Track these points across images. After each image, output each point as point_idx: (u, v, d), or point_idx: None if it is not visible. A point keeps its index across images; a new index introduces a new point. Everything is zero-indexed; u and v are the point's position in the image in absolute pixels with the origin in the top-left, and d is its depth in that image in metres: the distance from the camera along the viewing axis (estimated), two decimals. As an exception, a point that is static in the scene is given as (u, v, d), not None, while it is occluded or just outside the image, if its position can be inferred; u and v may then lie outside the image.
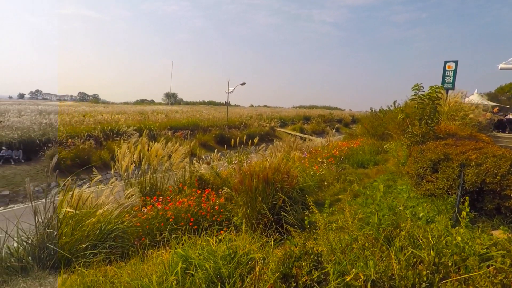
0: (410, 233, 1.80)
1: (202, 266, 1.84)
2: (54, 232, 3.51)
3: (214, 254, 1.96)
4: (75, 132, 18.46)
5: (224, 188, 6.30)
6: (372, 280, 1.49)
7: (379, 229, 1.92)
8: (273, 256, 1.83)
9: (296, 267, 1.66)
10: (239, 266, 1.86)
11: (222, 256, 1.92)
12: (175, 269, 1.84)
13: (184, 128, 24.76)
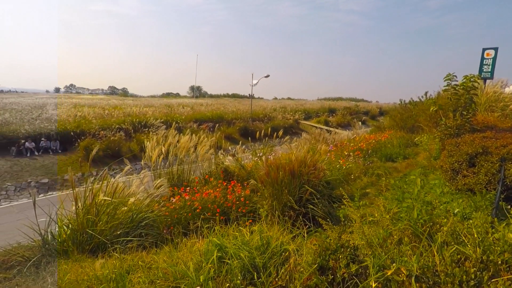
0: (452, 229, 1.72)
1: (237, 255, 1.88)
2: (93, 219, 3.72)
3: (248, 244, 1.99)
4: (106, 125, 19.30)
5: (250, 180, 6.34)
6: (415, 276, 1.45)
7: (417, 224, 1.86)
8: (307, 248, 1.83)
9: (332, 260, 1.65)
10: (273, 256, 1.87)
11: (256, 246, 1.94)
12: (210, 257, 1.89)
13: (209, 120, 25.14)
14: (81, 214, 3.90)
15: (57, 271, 2.70)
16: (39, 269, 3.12)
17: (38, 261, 3.29)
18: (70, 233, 3.74)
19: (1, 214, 10.71)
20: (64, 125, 18.14)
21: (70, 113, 22.55)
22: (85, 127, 18.39)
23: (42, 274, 2.82)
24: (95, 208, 3.88)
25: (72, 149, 16.97)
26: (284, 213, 4.17)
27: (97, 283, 2.01)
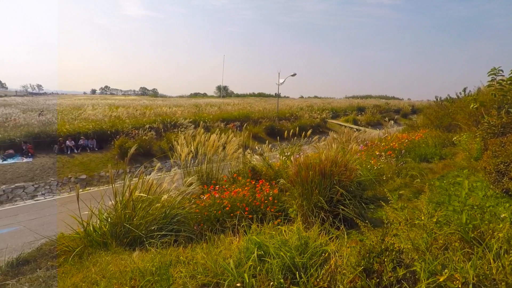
0: (509, 235, 1.59)
1: (278, 254, 1.88)
2: (130, 214, 3.90)
3: (287, 243, 1.99)
4: (139, 124, 20.11)
5: (279, 179, 6.32)
6: (471, 284, 1.36)
7: (466, 229, 1.74)
8: (347, 249, 1.79)
9: (377, 263, 1.59)
10: (312, 257, 1.85)
11: (294, 246, 1.93)
12: (251, 255, 1.91)
13: (236, 120, 25.39)
14: (119, 209, 4.09)
15: (99, 262, 2.87)
16: (82, 258, 3.33)
17: (81, 252, 3.51)
18: (109, 226, 3.94)
19: (45, 207, 11.52)
20: (100, 125, 19.14)
21: (105, 113, 23.76)
22: (119, 127, 19.29)
23: (86, 263, 3.00)
24: (132, 203, 4.06)
25: (108, 147, 17.87)
26: (314, 213, 4.11)
27: (139, 275, 2.10)
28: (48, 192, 13.47)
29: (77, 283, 2.41)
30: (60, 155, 16.21)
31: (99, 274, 2.41)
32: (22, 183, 13.50)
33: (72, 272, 2.77)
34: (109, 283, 2.10)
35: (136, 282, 1.99)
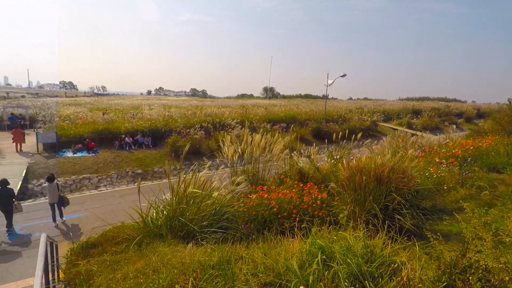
0: None
1: (344, 260, 1.82)
2: (184, 208, 4.09)
3: (352, 250, 1.92)
4: (189, 123, 21.10)
5: (329, 183, 6.14)
6: None
7: None
8: (419, 262, 1.66)
9: (460, 280, 1.46)
10: (381, 266, 1.76)
11: (360, 253, 1.85)
12: (314, 259, 1.88)
13: (282, 121, 25.33)
14: (174, 203, 4.32)
15: (158, 252, 3.05)
16: (141, 247, 3.58)
17: (140, 241, 3.77)
18: (165, 219, 4.18)
19: (107, 197, 12.65)
20: (155, 124, 20.47)
21: (160, 113, 25.36)
22: (172, 126, 20.44)
23: (145, 252, 3.22)
24: (186, 199, 4.26)
25: (161, 145, 19.03)
26: (368, 220, 3.91)
27: (199, 268, 2.19)
28: (109, 184, 14.77)
29: (139, 269, 2.59)
30: (120, 150, 17.68)
31: (159, 263, 2.57)
32: (88, 175, 15.00)
33: (134, 259, 3.00)
34: (170, 273, 2.22)
35: (198, 274, 2.07)
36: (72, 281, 2.97)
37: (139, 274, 2.45)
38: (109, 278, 2.54)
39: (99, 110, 27.51)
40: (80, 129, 18.47)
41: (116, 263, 2.98)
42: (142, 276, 2.38)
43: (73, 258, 3.80)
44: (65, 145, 17.22)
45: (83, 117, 22.12)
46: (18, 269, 7.38)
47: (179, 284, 1.98)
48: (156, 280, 2.12)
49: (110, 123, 20.40)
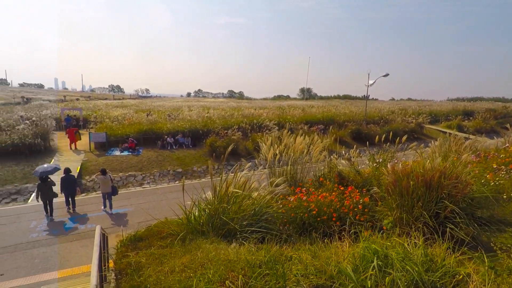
0: None
1: (403, 267, 1.74)
2: (225, 207, 4.18)
3: (410, 257, 1.83)
4: (227, 124, 21.55)
5: (371, 187, 5.90)
6: None
7: None
8: (490, 275, 1.53)
9: None
10: (444, 277, 1.65)
11: (420, 261, 1.75)
12: (368, 263, 1.82)
13: (319, 122, 24.86)
14: (215, 202, 4.43)
15: (202, 248, 3.16)
16: (185, 243, 3.72)
17: (184, 236, 3.92)
18: (207, 217, 4.31)
19: (150, 194, 13.35)
20: (195, 124, 21.22)
21: (199, 114, 26.23)
22: (210, 126, 21.04)
23: (189, 247, 3.35)
24: (227, 198, 4.35)
25: (200, 145, 19.67)
26: (417, 228, 3.68)
27: (246, 266, 2.23)
28: (152, 181, 15.57)
29: (185, 263, 2.69)
30: (162, 150, 18.58)
31: (205, 259, 2.65)
32: (134, 172, 15.96)
33: (179, 254, 3.13)
34: (218, 269, 2.28)
35: (246, 272, 2.10)
36: (123, 271, 3.17)
37: (186, 268, 2.55)
38: (157, 271, 2.68)
39: (143, 111, 29.17)
40: (126, 130, 19.72)
41: (163, 256, 3.13)
42: (189, 271, 2.47)
43: (123, 250, 4.05)
44: (114, 144, 18.50)
45: (129, 118, 23.61)
46: (73, 257, 8.07)
47: (229, 280, 2.02)
48: (205, 275, 2.19)
49: (153, 123, 21.54)
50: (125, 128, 20.16)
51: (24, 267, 7.59)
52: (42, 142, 16.99)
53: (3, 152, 15.49)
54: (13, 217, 10.60)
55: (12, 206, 12.03)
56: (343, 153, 10.90)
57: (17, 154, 15.72)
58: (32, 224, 9.98)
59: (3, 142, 15.65)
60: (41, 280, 6.95)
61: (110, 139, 18.43)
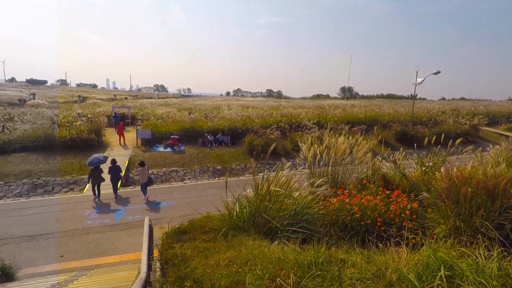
0: None
1: (476, 280, 1.60)
2: (266, 205, 4.19)
3: (482, 269, 1.67)
4: (266, 124, 21.61)
5: (421, 192, 5.54)
6: None
7: None
8: None
9: None
10: None
11: (494, 275, 1.60)
12: (433, 273, 1.70)
13: (361, 123, 23.92)
14: (256, 200, 4.45)
15: (246, 245, 3.19)
16: (227, 238, 3.78)
17: (226, 232, 3.99)
18: (248, 214, 4.34)
19: (191, 189, 13.85)
20: (234, 123, 21.58)
21: (238, 113, 26.64)
22: (249, 125, 21.26)
23: (232, 243, 3.40)
24: (268, 196, 4.35)
25: (239, 143, 19.97)
26: (477, 239, 3.36)
27: (296, 265, 2.21)
28: (193, 177, 16.15)
29: (230, 258, 2.74)
30: (202, 147, 19.18)
31: (250, 255, 2.67)
32: (176, 168, 16.68)
33: (223, 249, 3.19)
34: (266, 267, 2.28)
35: (296, 271, 2.08)
36: (169, 261, 3.31)
37: (231, 263, 2.59)
38: (203, 263, 2.75)
39: (185, 110, 30.36)
40: (170, 127, 20.66)
41: (207, 250, 3.22)
42: (235, 266, 2.50)
43: (168, 241, 4.24)
44: (158, 141, 19.49)
45: (172, 116, 24.71)
46: (122, 245, 8.65)
47: (280, 277, 2.01)
48: (253, 271, 2.20)
49: (195, 122, 22.30)
50: (169, 125, 21.13)
51: (80, 250, 8.31)
52: (95, 137, 18.47)
53: (63, 146, 17.09)
54: (71, 205, 11.66)
55: (70, 195, 13.24)
56: (387, 155, 10.37)
57: (74, 148, 17.25)
58: (87, 212, 10.89)
59: (64, 136, 17.27)
60: (94, 264, 7.54)
61: (155, 136, 19.45)
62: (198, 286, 2.28)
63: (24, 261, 7.60)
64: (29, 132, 17.77)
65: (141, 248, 8.02)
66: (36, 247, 8.51)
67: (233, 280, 2.14)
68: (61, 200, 12.41)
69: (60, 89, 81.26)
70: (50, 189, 13.81)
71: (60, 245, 8.65)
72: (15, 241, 8.80)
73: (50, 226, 9.80)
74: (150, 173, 15.77)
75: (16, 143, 16.63)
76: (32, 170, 14.85)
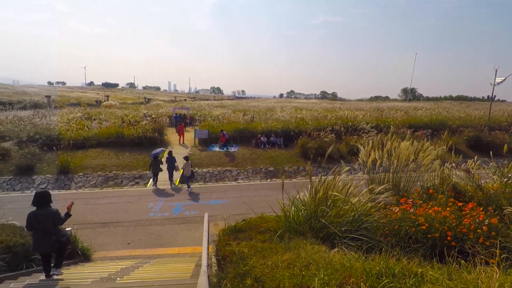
0: None
1: None
2: (324, 210, 4.08)
3: None
4: (320, 126, 21.12)
5: (503, 207, 4.89)
6: None
7: None
8: None
9: None
10: None
11: None
12: None
13: (426, 127, 21.97)
14: (312, 203, 4.36)
15: (304, 249, 3.15)
16: (283, 240, 3.77)
17: (282, 234, 3.98)
18: (304, 217, 4.27)
19: (244, 189, 14.17)
20: (287, 125, 21.52)
21: (291, 115, 26.51)
22: (302, 127, 20.99)
23: (288, 245, 3.38)
24: (325, 200, 4.23)
25: (291, 146, 19.84)
26: None
27: (364, 274, 2.11)
28: (246, 177, 16.48)
29: (288, 260, 2.72)
30: (255, 148, 19.48)
31: (309, 259, 2.63)
32: (229, 168, 17.20)
33: (280, 250, 3.19)
34: (331, 273, 2.22)
35: (366, 281, 1.98)
36: (227, 258, 3.42)
37: (290, 265, 2.57)
38: (261, 263, 2.78)
39: (239, 111, 31.18)
40: (225, 128, 21.40)
41: (264, 250, 3.24)
42: (295, 268, 2.48)
43: (225, 238, 4.38)
44: (214, 141, 20.33)
45: (227, 118, 25.58)
46: (180, 238, 9.20)
47: (349, 285, 1.94)
48: (316, 276, 2.15)
49: (249, 123, 22.76)
50: (224, 126, 21.91)
51: (143, 240, 9.06)
52: (158, 136, 20.00)
53: (131, 143, 18.85)
54: (136, 197, 12.78)
55: (136, 188, 14.53)
56: (458, 163, 9.35)
57: (140, 145, 18.89)
58: (150, 205, 11.83)
59: (132, 135, 19.04)
60: (155, 254, 8.14)
61: (211, 136, 20.33)
62: (259, 285, 2.31)
63: (98, 245, 8.53)
64: (104, 129, 19.99)
65: (197, 243, 8.50)
66: (108, 233, 9.51)
67: (296, 283, 2.11)
68: (128, 192, 13.69)
69: (129, 92, 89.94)
70: (120, 182, 15.31)
71: (127, 233, 9.53)
72: (92, 227, 9.94)
73: (119, 215, 10.86)
74: (206, 171, 16.56)
75: (93, 139, 18.82)
76: (105, 164, 16.63)
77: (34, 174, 15.34)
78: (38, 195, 5.04)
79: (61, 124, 21.57)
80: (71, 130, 19.80)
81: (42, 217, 4.92)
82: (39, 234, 4.96)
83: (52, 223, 5.00)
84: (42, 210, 4.97)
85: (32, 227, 4.94)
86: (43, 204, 5.01)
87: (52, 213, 5.00)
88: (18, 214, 8.91)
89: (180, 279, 4.26)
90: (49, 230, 4.98)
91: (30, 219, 4.92)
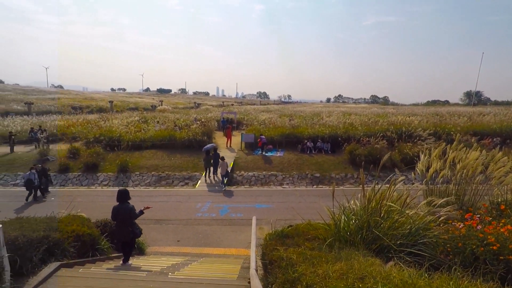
0: None
1: None
2: (378, 221, 3.84)
3: None
4: (370, 132, 20.10)
5: None
6: None
7: None
8: None
9: None
10: None
11: None
12: None
13: (495, 134, 19.65)
14: (364, 213, 4.14)
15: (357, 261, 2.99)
16: (333, 250, 3.62)
17: (331, 243, 3.84)
18: (355, 227, 4.07)
19: (289, 195, 14.04)
20: (335, 130, 20.87)
21: (339, 120, 25.67)
22: (351, 133, 20.18)
23: (338, 255, 3.24)
24: (380, 211, 3.99)
25: (339, 151, 19.16)
26: None
27: None
28: (291, 183, 16.31)
29: (340, 271, 2.61)
30: (301, 153, 19.21)
31: (364, 272, 2.49)
32: (275, 172, 17.17)
33: (331, 260, 3.07)
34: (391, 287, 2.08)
35: None
36: (275, 263, 3.39)
37: (343, 276, 2.46)
38: (310, 271, 2.70)
39: (285, 116, 31.10)
40: (271, 132, 21.47)
41: (313, 258, 3.15)
42: (349, 280, 2.37)
43: (272, 243, 4.36)
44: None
45: (274, 122, 25.67)
46: (226, 239, 9.40)
47: None
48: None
49: (295, 128, 22.56)
50: (270, 131, 21.99)
51: (192, 238, 9.43)
52: (207, 139, 20.80)
53: (182, 146, 19.88)
54: (186, 197, 13.40)
55: (186, 188, 15.24)
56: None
57: (190, 147, 19.83)
58: (198, 205, 12.31)
59: (183, 137, 20.08)
60: (203, 253, 8.41)
61: (257, 140, 20.55)
62: (310, 294, 2.25)
63: (151, 240, 9.08)
64: (158, 132, 21.40)
65: (241, 245, 8.59)
66: (160, 230, 10.10)
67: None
68: (178, 192, 14.41)
69: (181, 97, 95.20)
70: (171, 182, 16.20)
71: (177, 231, 10.01)
72: (146, 223, 10.62)
73: (170, 213, 11.47)
74: (251, 174, 16.75)
75: (148, 141, 20.23)
76: (158, 164, 17.74)
77: (98, 172, 16.98)
78: (120, 192, 5.98)
79: (121, 127, 23.60)
80: (129, 133, 21.53)
81: (121, 210, 5.84)
82: (120, 224, 5.90)
83: (129, 216, 5.87)
84: (122, 204, 5.89)
85: (115, 218, 5.89)
86: (123, 199, 5.92)
87: (129, 208, 5.88)
88: (86, 207, 9.93)
89: (227, 279, 4.33)
90: (126, 222, 5.87)
91: (113, 211, 5.88)
